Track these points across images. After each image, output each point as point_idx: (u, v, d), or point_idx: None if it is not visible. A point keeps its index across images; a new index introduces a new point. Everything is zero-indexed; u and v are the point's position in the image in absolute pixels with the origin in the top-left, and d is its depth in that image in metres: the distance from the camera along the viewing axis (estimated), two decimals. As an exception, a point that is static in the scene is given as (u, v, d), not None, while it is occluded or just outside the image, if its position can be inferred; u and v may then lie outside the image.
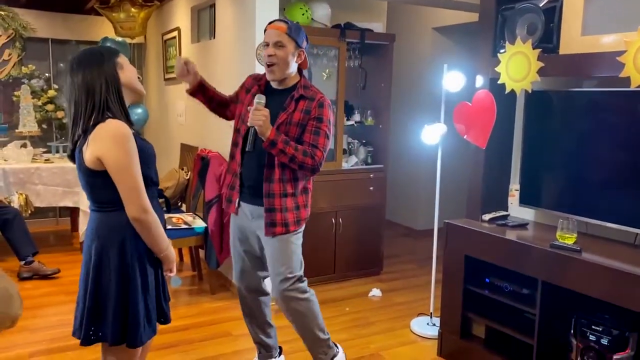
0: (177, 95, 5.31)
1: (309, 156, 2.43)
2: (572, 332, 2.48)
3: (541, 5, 2.62)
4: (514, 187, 3.04)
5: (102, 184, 1.84)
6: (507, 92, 2.74)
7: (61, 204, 4.86)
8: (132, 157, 1.81)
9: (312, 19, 4.08)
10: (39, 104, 5.41)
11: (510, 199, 3.09)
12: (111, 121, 1.81)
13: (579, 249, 2.43)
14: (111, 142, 1.78)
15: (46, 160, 4.94)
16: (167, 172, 4.69)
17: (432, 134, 3.41)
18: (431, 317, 3.51)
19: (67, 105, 1.91)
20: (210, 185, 3.94)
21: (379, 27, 4.45)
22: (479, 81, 2.99)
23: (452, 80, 3.33)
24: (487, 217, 2.99)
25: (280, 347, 2.92)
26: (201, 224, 4.02)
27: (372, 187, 4.35)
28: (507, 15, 2.79)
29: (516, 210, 3.08)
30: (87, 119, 1.84)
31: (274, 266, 2.58)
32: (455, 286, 2.98)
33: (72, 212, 5.42)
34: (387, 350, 3.22)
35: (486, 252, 2.80)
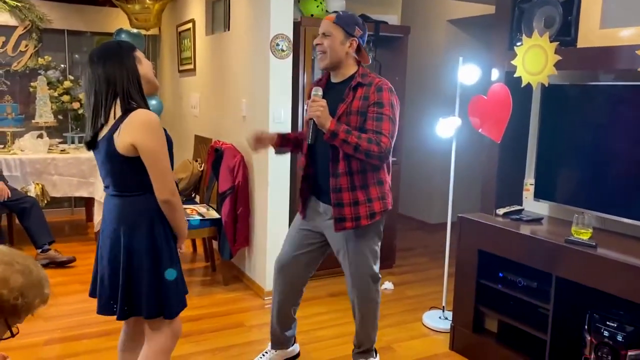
0: (191, 87, 5.33)
1: (374, 143, 2.29)
2: (586, 327, 2.46)
3: (559, -3, 2.59)
4: (529, 181, 3.01)
5: (132, 170, 1.94)
6: (523, 85, 2.71)
7: (76, 194, 4.92)
8: (164, 143, 1.96)
9: (326, 11, 4.07)
10: (55, 94, 5.45)
11: (525, 193, 3.07)
12: (142, 110, 1.93)
13: (594, 244, 2.41)
14: (146, 129, 1.90)
15: (62, 150, 5.00)
16: (181, 163, 4.72)
17: (446, 127, 3.39)
18: (443, 311, 3.51)
19: (86, 96, 2.00)
20: (223, 176, 3.96)
21: (393, 19, 4.43)
22: (495, 74, 2.96)
23: (467, 73, 3.30)
24: (501, 211, 2.98)
25: (294, 337, 2.93)
26: (215, 215, 4.05)
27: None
28: (525, 7, 2.76)
29: (531, 204, 3.06)
30: (108, 108, 1.93)
31: (350, 265, 2.56)
32: (468, 280, 2.98)
33: (87, 202, 5.49)
34: (399, 343, 3.22)
35: (500, 247, 2.79)
